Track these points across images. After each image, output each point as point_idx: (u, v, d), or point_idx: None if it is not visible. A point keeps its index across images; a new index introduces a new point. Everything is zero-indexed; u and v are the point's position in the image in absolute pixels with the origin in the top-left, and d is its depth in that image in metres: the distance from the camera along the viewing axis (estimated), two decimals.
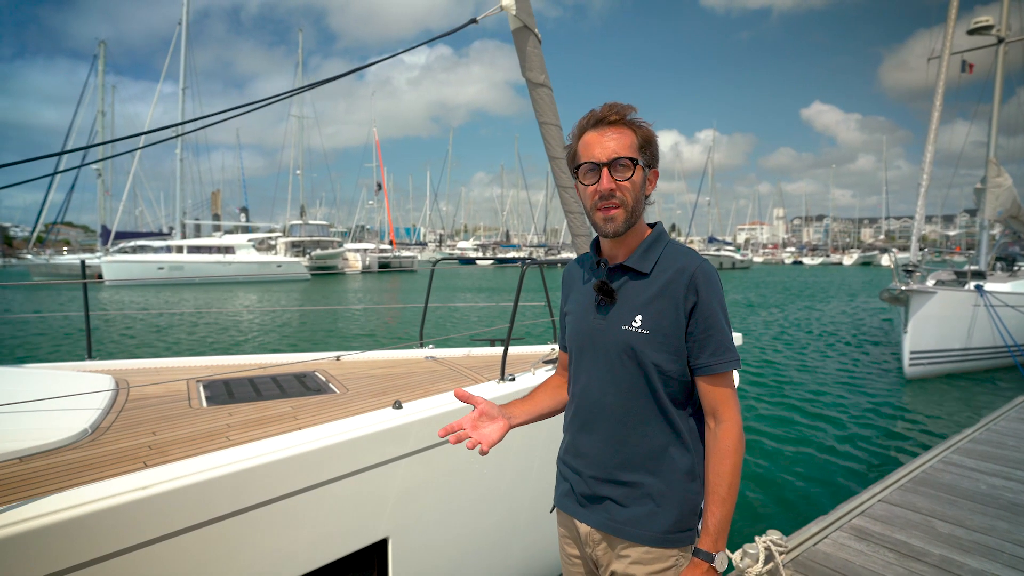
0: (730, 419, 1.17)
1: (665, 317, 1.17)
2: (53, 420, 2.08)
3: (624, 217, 1.19)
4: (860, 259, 71.45)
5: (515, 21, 3.29)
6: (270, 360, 3.42)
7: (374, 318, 16.58)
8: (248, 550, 1.80)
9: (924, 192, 8.96)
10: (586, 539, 1.29)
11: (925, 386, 8.51)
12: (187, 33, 36.91)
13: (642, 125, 1.20)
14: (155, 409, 2.37)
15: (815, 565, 2.58)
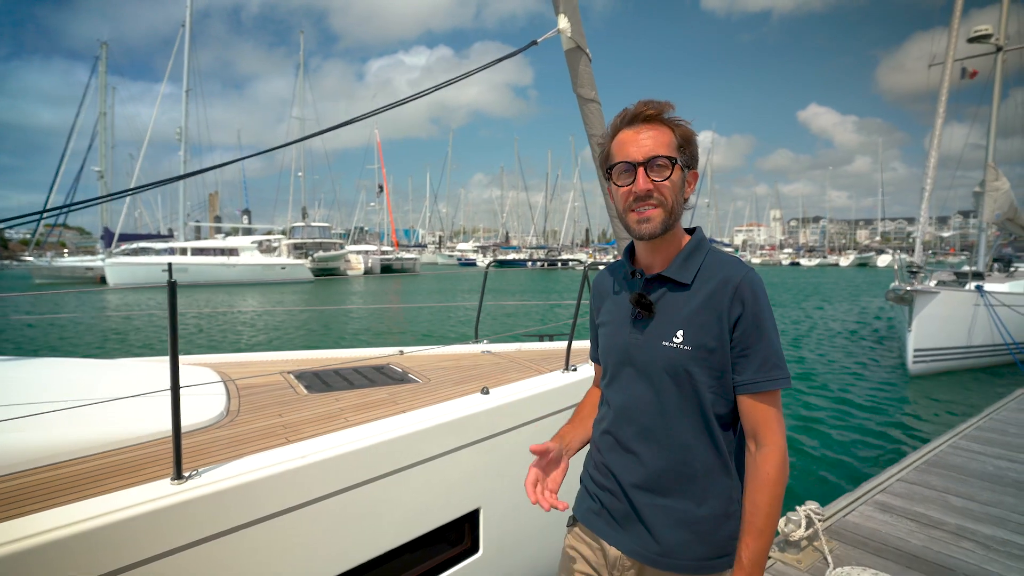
0: (772, 443, 1.08)
1: (708, 332, 1.09)
2: (191, 404, 2.38)
3: (663, 218, 1.10)
4: (856, 260, 72.18)
5: (569, 42, 3.62)
6: (338, 355, 3.73)
7: (380, 319, 16.88)
8: (378, 514, 2.11)
9: (928, 196, 9.34)
10: (615, 563, 1.20)
11: (928, 382, 8.87)
12: (190, 35, 37.15)
13: (680, 123, 1.12)
14: (267, 396, 2.68)
15: (846, 532, 2.91)
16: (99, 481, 1.74)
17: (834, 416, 6.99)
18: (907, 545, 2.79)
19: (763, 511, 1.06)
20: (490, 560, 2.56)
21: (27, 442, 1.85)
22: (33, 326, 13.76)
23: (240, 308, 19.23)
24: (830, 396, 7.94)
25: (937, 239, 71.32)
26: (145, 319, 15.66)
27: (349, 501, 2.02)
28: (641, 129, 1.11)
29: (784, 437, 1.10)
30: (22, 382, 2.42)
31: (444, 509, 2.37)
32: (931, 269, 11.36)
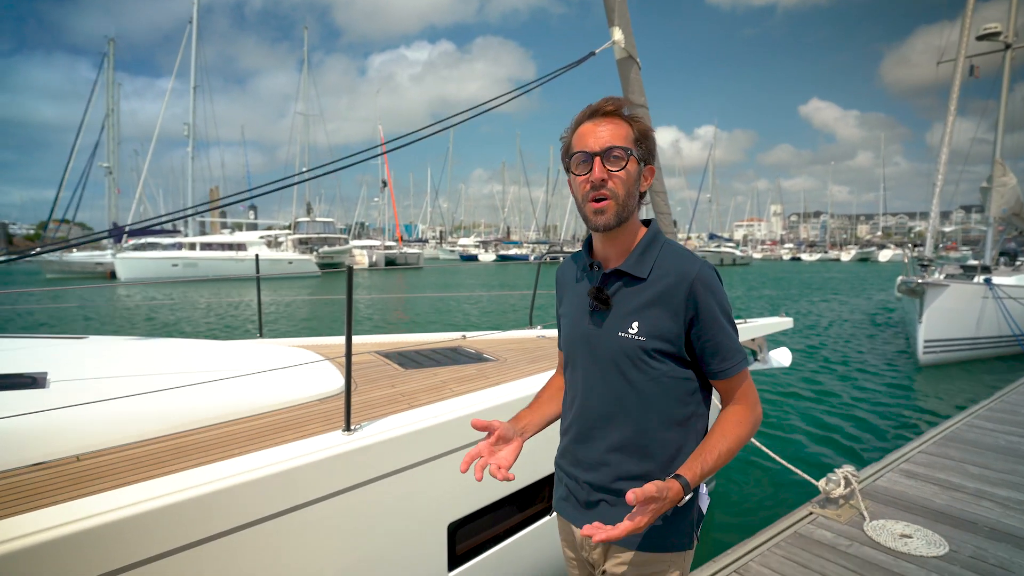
0: (746, 405, 1.18)
1: (663, 324, 1.14)
2: (310, 379, 2.73)
3: (615, 210, 1.14)
4: (858, 255, 72.43)
5: (621, 52, 3.95)
6: (407, 338, 4.08)
7: (383, 310, 17.25)
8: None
9: (939, 192, 9.66)
10: (582, 543, 1.29)
11: (938, 371, 9.24)
12: (197, 32, 37.33)
13: (639, 119, 1.17)
14: (371, 372, 3.03)
15: (877, 494, 3.27)
16: (277, 433, 2.10)
17: (851, 400, 7.36)
18: (932, 504, 3.16)
19: (729, 441, 1.12)
20: None
21: (211, 402, 2.21)
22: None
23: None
24: (844, 383, 8.31)
25: (939, 234, 71.54)
26: (165, 308, 16.02)
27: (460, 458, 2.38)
28: (600, 122, 1.15)
29: (757, 405, 1.19)
30: (175, 357, 2.78)
31: (531, 470, 2.72)
32: (941, 263, 11.69)
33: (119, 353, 2.80)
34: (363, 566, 2.08)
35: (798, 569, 2.53)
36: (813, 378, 8.64)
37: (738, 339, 1.18)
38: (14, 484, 1.66)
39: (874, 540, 2.76)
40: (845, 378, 8.69)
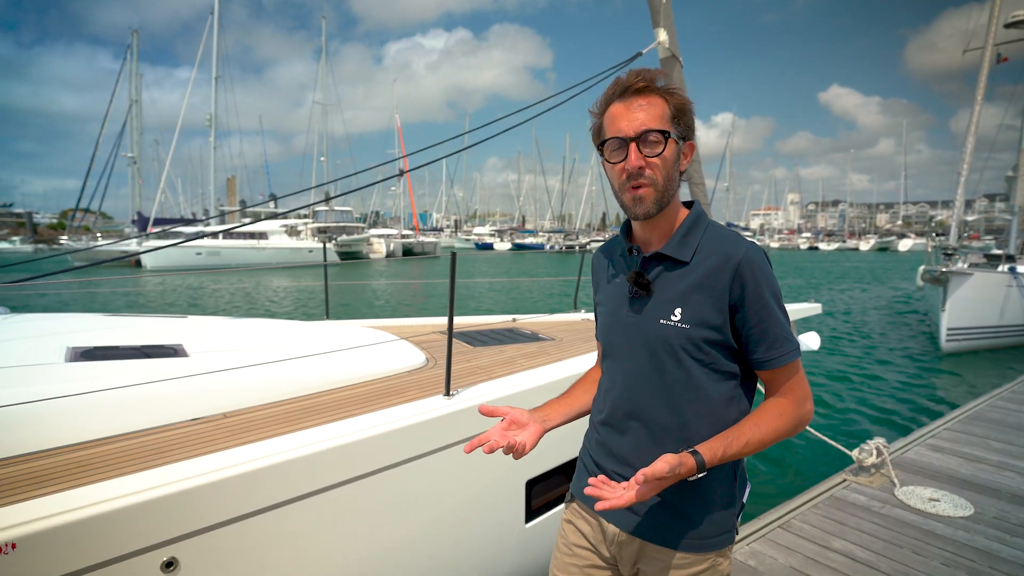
0: (793, 399, 1.09)
1: (707, 310, 1.06)
2: (397, 354, 3.04)
3: (655, 197, 1.07)
4: (877, 244, 71.49)
5: (665, 52, 4.18)
6: (460, 321, 4.38)
7: (399, 295, 17.64)
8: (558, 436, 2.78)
9: (963, 181, 9.72)
10: (613, 539, 1.20)
11: (961, 359, 9.38)
12: (219, 23, 37.78)
13: (674, 92, 1.08)
14: (444, 349, 3.34)
15: (906, 464, 3.53)
16: (385, 398, 2.42)
17: (875, 385, 7.57)
18: (958, 473, 3.41)
19: (765, 431, 1.05)
20: None
21: (322, 372, 2.53)
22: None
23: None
24: (868, 368, 8.51)
25: (962, 223, 70.39)
26: (213, 293, 16.57)
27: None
28: (633, 101, 1.05)
29: (807, 401, 1.09)
30: (275, 334, 3.12)
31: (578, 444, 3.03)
32: (965, 252, 11.74)
33: (228, 329, 3.14)
34: (456, 515, 2.40)
35: (836, 526, 2.81)
36: (838, 363, 8.85)
37: (790, 327, 1.09)
38: (182, 435, 2.00)
39: (904, 503, 3.03)
40: (868, 364, 8.89)
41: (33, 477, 1.65)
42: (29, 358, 2.29)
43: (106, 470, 1.71)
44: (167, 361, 2.36)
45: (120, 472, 1.69)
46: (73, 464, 1.75)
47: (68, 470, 1.71)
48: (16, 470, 1.69)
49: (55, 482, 1.64)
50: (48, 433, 1.86)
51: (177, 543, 1.60)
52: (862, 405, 6.70)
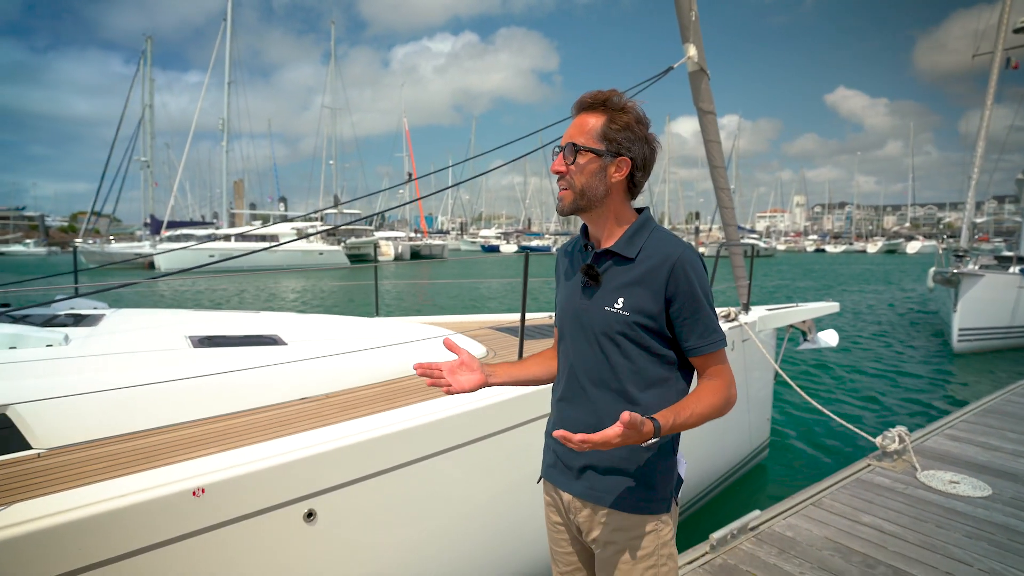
0: (721, 381, 1.22)
1: (646, 300, 1.20)
2: (467, 346, 3.31)
3: (570, 198, 1.23)
4: (884, 247, 71.23)
5: (694, 66, 4.45)
6: (502, 318, 4.66)
7: (410, 296, 17.95)
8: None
9: (974, 184, 9.92)
10: (568, 506, 1.34)
11: (973, 359, 9.57)
12: (232, 29, 38.32)
13: (623, 112, 1.21)
14: (499, 341, 3.62)
15: (925, 451, 3.78)
16: None
17: (888, 384, 7.80)
18: (975, 460, 3.66)
19: (704, 406, 1.17)
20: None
21: (399, 360, 2.82)
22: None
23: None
24: (881, 366, 8.72)
25: (971, 225, 69.98)
26: (212, 294, 16.93)
27: None
28: (582, 116, 1.23)
29: (732, 386, 1.23)
30: (344, 328, 3.40)
31: None
32: (976, 254, 11.93)
33: (308, 323, 3.43)
34: (524, 484, 2.67)
35: (864, 504, 3.07)
36: (853, 360, 9.07)
37: (717, 321, 1.23)
38: (296, 412, 2.29)
39: (926, 485, 3.28)
40: (882, 361, 9.11)
41: (201, 440, 1.96)
42: (161, 344, 2.58)
43: (246, 437, 2.00)
44: (271, 348, 2.66)
45: (256, 440, 1.98)
46: (217, 433, 2.05)
47: (215, 437, 2.00)
48: (186, 434, 2.00)
49: (211, 445, 1.93)
50: (192, 406, 2.15)
51: (315, 497, 1.89)
52: (877, 400, 6.94)
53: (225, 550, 1.72)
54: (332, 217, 46.82)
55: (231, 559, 1.74)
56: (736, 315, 4.38)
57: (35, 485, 1.65)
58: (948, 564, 2.51)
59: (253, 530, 1.77)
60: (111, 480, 1.67)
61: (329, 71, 49.99)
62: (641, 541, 1.25)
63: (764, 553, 2.61)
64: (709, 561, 2.55)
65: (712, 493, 4.30)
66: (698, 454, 3.73)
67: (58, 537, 1.46)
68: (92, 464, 1.80)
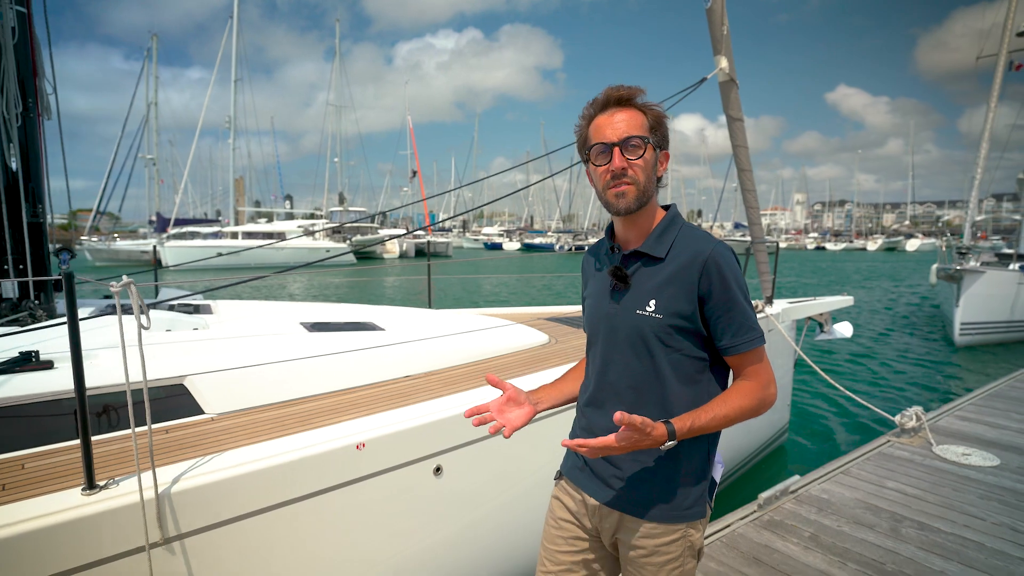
0: (756, 382, 1.18)
1: (679, 301, 1.17)
2: (524, 333, 3.67)
3: (635, 194, 1.18)
4: (884, 244, 71.61)
5: (725, 76, 4.81)
6: (552, 310, 5.02)
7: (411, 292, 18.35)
8: None
9: (978, 184, 10.30)
10: (594, 511, 1.30)
11: (974, 352, 9.97)
12: (238, 26, 38.55)
13: (651, 107, 1.20)
14: (557, 330, 3.98)
15: (939, 429, 4.16)
16: (538, 363, 3.06)
17: (892, 374, 8.19)
18: (984, 436, 4.04)
19: (731, 408, 1.15)
20: None
21: (476, 345, 3.18)
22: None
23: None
24: (886, 358, 9.12)
25: (973, 223, 70.34)
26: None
27: None
28: (615, 113, 1.18)
29: (770, 385, 1.19)
30: (419, 317, 3.76)
31: None
32: (978, 251, 12.31)
33: (391, 313, 3.79)
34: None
35: (887, 472, 3.44)
36: (861, 351, 9.46)
37: (755, 317, 1.19)
38: (408, 386, 2.65)
39: (942, 457, 3.66)
40: (888, 353, 9.51)
41: (340, 407, 2.33)
42: (283, 329, 2.94)
43: (376, 406, 2.37)
44: (373, 333, 3.02)
45: (385, 408, 2.34)
46: (349, 402, 2.41)
47: (350, 406, 2.37)
48: (326, 403, 2.37)
49: (352, 412, 2.30)
50: (322, 380, 2.52)
51: (442, 455, 2.25)
52: (884, 389, 7.33)
53: (376, 496, 2.09)
54: (337, 215, 47.16)
55: (381, 504, 2.11)
56: (763, 307, 4.75)
57: (213, 443, 2.01)
58: (965, 519, 2.88)
59: (397, 480, 2.13)
60: (282, 437, 2.03)
61: (333, 69, 50.20)
62: (670, 547, 1.22)
63: (804, 511, 2.98)
64: (759, 517, 2.92)
65: (736, 474, 4.67)
66: (723, 436, 4.09)
67: (254, 481, 1.81)
68: (260, 426, 2.16)
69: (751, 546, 2.68)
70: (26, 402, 1.93)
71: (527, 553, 2.58)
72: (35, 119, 2.70)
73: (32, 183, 2.69)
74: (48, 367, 2.08)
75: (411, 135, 54.75)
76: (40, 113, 2.72)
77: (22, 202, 2.62)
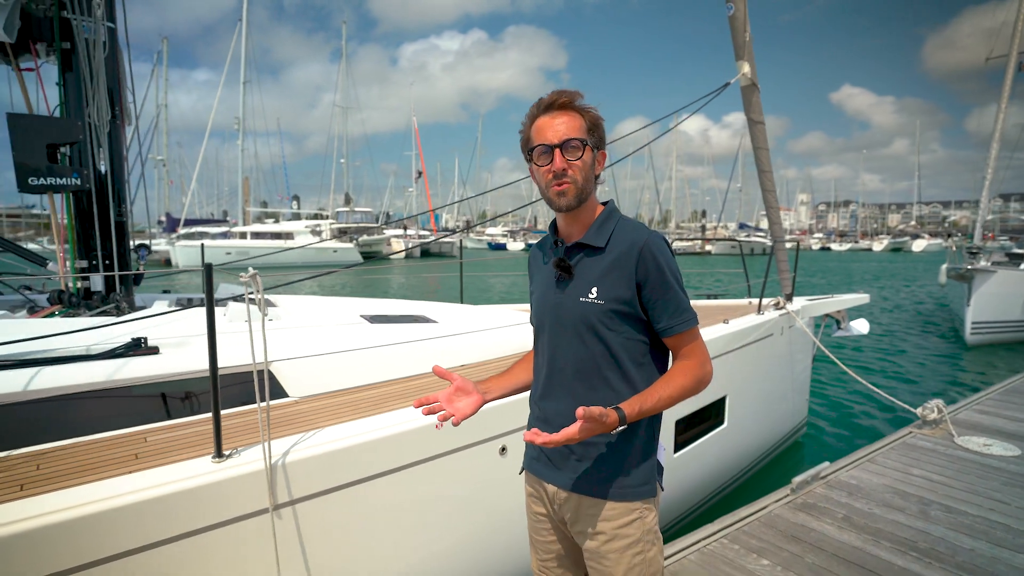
0: (695, 360, 1.25)
1: (618, 287, 1.23)
2: None
3: (575, 193, 1.25)
4: (890, 245, 71.40)
5: (746, 81, 4.97)
6: None
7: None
8: None
9: (988, 185, 10.41)
10: (553, 498, 1.36)
11: (985, 351, 10.09)
12: (247, 29, 38.88)
13: (589, 110, 1.27)
14: None
15: (960, 422, 4.31)
16: None
17: (905, 371, 8.33)
18: (1004, 428, 4.19)
19: (675, 387, 1.22)
20: (731, 430, 4.04)
21: (515, 339, 3.35)
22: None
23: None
24: (898, 357, 9.26)
25: (973, 223, 69.94)
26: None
27: None
28: (556, 116, 1.25)
29: (707, 363, 1.27)
30: (469, 312, 3.94)
31: (706, 395, 3.82)
32: (988, 251, 12.42)
33: (437, 307, 3.97)
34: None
35: (912, 460, 3.60)
36: (871, 351, 9.61)
37: (687, 300, 1.26)
38: (464, 374, 2.83)
39: (964, 447, 3.81)
40: (898, 352, 9.65)
41: (409, 392, 2.51)
42: (347, 320, 3.13)
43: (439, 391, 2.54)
44: (427, 325, 3.20)
45: None
46: (417, 387, 2.60)
47: (418, 390, 2.55)
48: (397, 387, 2.55)
49: (418, 397, 2.47)
50: (388, 367, 2.70)
51: (506, 436, 2.43)
52: (897, 386, 7.48)
53: (451, 472, 2.27)
54: (344, 215, 47.44)
55: (455, 478, 2.29)
56: (784, 304, 4.91)
57: (303, 422, 2.19)
58: (990, 503, 3.04)
59: (470, 458, 2.31)
60: (365, 418, 2.21)
61: (340, 70, 50.47)
62: (627, 528, 1.27)
63: (836, 495, 3.15)
64: (792, 500, 3.09)
65: (757, 466, 4.83)
66: (745, 430, 4.26)
67: (350, 455, 1.99)
68: (340, 408, 2.35)
69: (788, 525, 2.85)
70: (143, 383, 2.12)
71: None
72: (119, 126, 2.89)
73: (117, 185, 2.88)
74: (155, 352, 2.27)
75: (416, 136, 55.01)
76: (123, 120, 2.91)
77: (110, 202, 2.82)
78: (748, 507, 3.03)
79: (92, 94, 2.68)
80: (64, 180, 2.71)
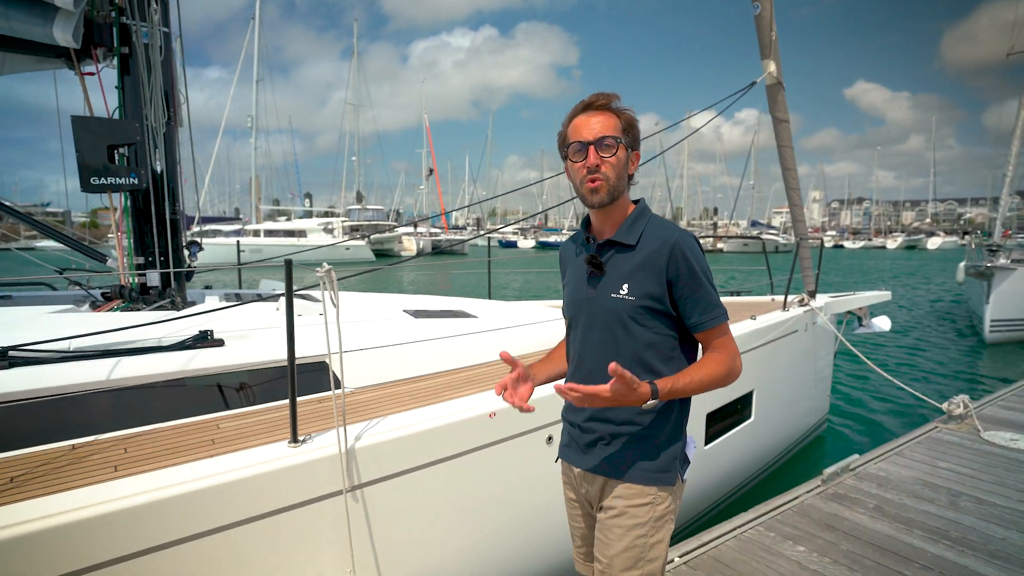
0: (725, 352, 1.30)
1: (649, 284, 1.28)
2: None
3: (607, 189, 1.29)
4: (905, 243, 70.48)
5: (772, 79, 5.02)
6: None
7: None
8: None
9: (1008, 182, 10.33)
10: (579, 480, 1.43)
11: (1005, 349, 10.04)
12: (260, 27, 39.20)
13: (625, 111, 1.32)
14: None
15: (985, 417, 4.35)
16: None
17: (925, 369, 8.33)
18: None
19: (705, 375, 1.27)
20: (758, 423, 4.11)
21: (549, 333, 3.44)
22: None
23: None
24: (917, 354, 9.25)
25: (989, 220, 69.04)
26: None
27: None
28: (592, 115, 1.30)
29: (736, 358, 1.31)
30: (502, 307, 4.04)
31: (734, 389, 3.88)
32: (1008, 248, 12.32)
33: (474, 303, 4.07)
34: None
35: (939, 454, 3.66)
36: (890, 348, 9.60)
37: (718, 297, 1.31)
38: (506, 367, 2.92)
39: (990, 442, 3.86)
40: (917, 349, 9.65)
41: (459, 383, 2.62)
42: (392, 315, 3.24)
43: (489, 382, 2.65)
44: (469, 320, 3.30)
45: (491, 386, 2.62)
46: (465, 379, 2.70)
47: (466, 382, 2.65)
48: (446, 379, 2.66)
49: (471, 387, 2.58)
50: (435, 359, 2.81)
51: (549, 427, 2.52)
52: (918, 382, 7.49)
53: (501, 461, 2.37)
54: (355, 213, 47.76)
55: (504, 467, 2.39)
56: (808, 301, 4.96)
57: (363, 411, 2.30)
58: (1019, 495, 3.10)
59: (517, 447, 2.41)
60: (421, 408, 2.31)
61: (352, 68, 50.71)
62: (637, 510, 1.32)
63: (866, 486, 3.22)
64: (823, 491, 3.17)
65: (781, 460, 4.89)
66: (771, 424, 4.32)
67: (415, 441, 2.10)
68: (395, 398, 2.46)
69: (821, 515, 2.92)
70: (214, 373, 2.25)
71: None
72: (172, 127, 3.02)
73: (171, 184, 3.00)
74: (220, 344, 2.38)
75: (428, 133, 55.18)
76: (176, 122, 3.03)
77: (165, 201, 2.94)
78: (780, 497, 3.11)
79: (149, 96, 2.81)
80: (123, 180, 2.84)
